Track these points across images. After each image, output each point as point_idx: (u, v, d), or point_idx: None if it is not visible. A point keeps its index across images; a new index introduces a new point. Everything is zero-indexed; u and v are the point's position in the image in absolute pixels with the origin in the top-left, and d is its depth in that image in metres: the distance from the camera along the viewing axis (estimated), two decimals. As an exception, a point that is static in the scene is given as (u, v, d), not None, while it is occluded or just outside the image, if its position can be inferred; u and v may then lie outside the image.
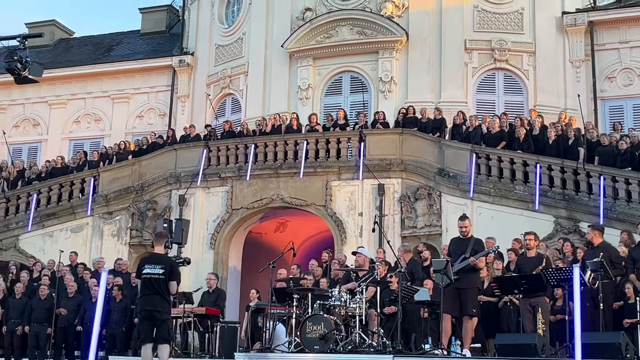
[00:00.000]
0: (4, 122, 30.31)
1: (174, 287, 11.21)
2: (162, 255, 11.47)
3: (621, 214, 17.48)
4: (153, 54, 31.55)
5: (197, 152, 22.13)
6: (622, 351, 10.17)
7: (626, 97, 24.96)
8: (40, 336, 17.12)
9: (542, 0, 25.40)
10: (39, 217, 22.72)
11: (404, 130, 21.11)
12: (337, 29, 25.98)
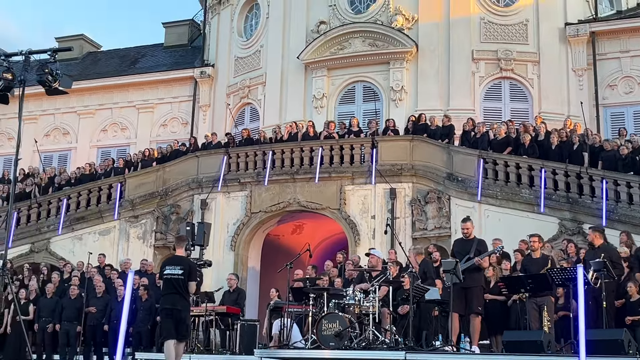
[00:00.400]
0: (36, 131, 30.50)
1: (192, 287, 11.31)
2: (182, 257, 11.60)
3: (623, 216, 17.44)
4: (176, 66, 31.68)
5: (217, 159, 22.19)
6: (624, 347, 10.12)
7: (627, 104, 24.89)
8: (71, 334, 17.22)
9: (545, 12, 25.38)
10: (69, 221, 22.83)
11: (414, 136, 21.10)
12: (350, 40, 26.04)
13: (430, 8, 25.58)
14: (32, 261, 21.93)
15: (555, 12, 25.50)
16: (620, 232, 14.73)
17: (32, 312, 17.63)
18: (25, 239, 22.84)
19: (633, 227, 15.95)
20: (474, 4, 25.43)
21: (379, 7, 26.08)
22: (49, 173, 25.76)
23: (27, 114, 28.42)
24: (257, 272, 22.24)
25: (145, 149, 25.83)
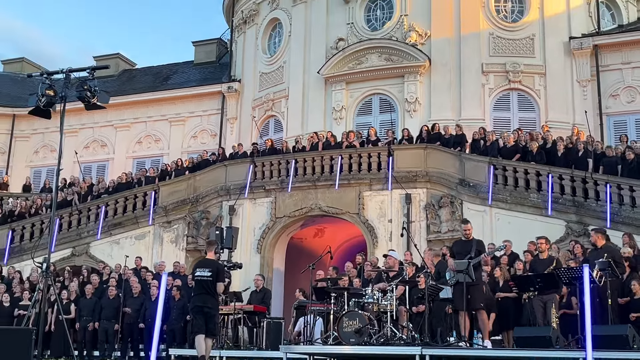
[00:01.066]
0: (76, 143, 30.75)
1: (220, 287, 11.65)
2: (212, 260, 11.82)
3: (627, 218, 17.32)
4: (205, 81, 31.85)
5: (244, 168, 22.26)
6: (629, 342, 10.04)
7: (629, 112, 24.74)
8: (109, 332, 17.32)
9: (550, 27, 25.32)
10: (107, 226, 22.97)
11: (428, 145, 21.06)
12: (366, 56, 26.08)
13: (442, 24, 25.56)
14: (73, 264, 22.08)
15: (560, 26, 25.42)
16: (623, 234, 14.61)
17: (73, 312, 17.75)
18: (67, 243, 23.02)
19: (636, 228, 15.82)
20: (483, 20, 25.40)
21: (393, 24, 26.11)
22: (88, 182, 26.00)
23: (68, 127, 28.64)
24: (281, 273, 22.27)
25: (177, 159, 26.02)
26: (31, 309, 12.33)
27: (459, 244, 12.71)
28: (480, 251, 12.24)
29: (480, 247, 12.33)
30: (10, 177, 30.65)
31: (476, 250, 12.14)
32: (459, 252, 12.43)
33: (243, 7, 30.60)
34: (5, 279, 19.96)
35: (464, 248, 12.36)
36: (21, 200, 25.84)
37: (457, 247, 12.71)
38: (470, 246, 12.24)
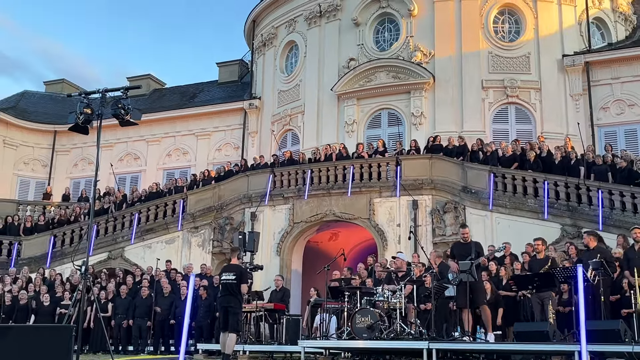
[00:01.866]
0: (111, 156, 30.95)
1: (244, 289, 12.05)
2: (235, 265, 12.12)
3: (617, 221, 17.21)
4: (228, 99, 31.93)
5: (264, 177, 22.31)
6: (621, 336, 9.95)
7: (618, 124, 24.59)
8: (142, 328, 17.40)
9: (545, 46, 25.28)
10: (140, 232, 23.07)
11: (432, 155, 21.03)
12: (376, 74, 26.10)
13: (445, 44, 25.57)
14: (109, 267, 22.18)
15: (553, 45, 25.36)
16: (618, 235, 14.54)
17: (110, 310, 17.86)
18: (104, 248, 23.14)
19: (626, 230, 15.62)
20: (482, 40, 25.39)
21: (400, 45, 26.14)
22: (122, 192, 26.14)
23: (104, 142, 28.83)
24: (299, 274, 22.27)
25: (204, 170, 26.10)
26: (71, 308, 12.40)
27: (459, 247, 12.71)
28: (479, 252, 12.24)
29: (479, 248, 12.36)
30: (52, 188, 30.87)
31: (475, 251, 12.15)
32: (459, 253, 12.44)
33: (262, 31, 30.75)
34: (48, 280, 20.09)
35: (463, 250, 12.38)
36: (62, 208, 26.02)
37: (457, 249, 12.70)
38: (469, 248, 12.26)
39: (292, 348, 14.08)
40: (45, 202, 28.44)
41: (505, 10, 25.92)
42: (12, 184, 31.87)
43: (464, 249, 12.35)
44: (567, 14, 25.85)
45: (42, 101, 35.89)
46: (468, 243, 12.47)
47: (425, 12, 26.08)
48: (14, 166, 32.15)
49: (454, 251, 12.75)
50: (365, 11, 27.01)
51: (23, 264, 22.38)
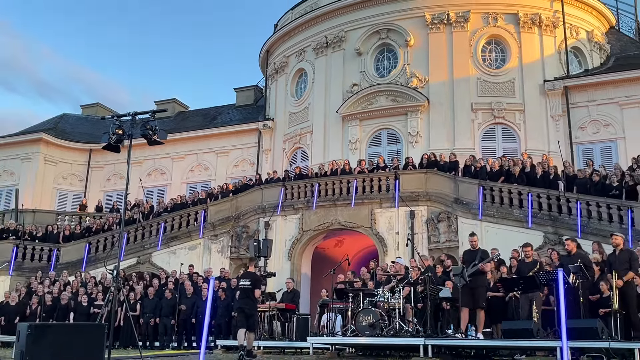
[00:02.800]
0: (140, 172, 31.02)
1: (257, 293, 12.67)
2: (252, 272, 12.55)
3: (594, 229, 17.16)
4: (245, 120, 32.03)
5: (277, 190, 22.33)
6: (599, 334, 9.90)
7: (595, 142, 24.58)
8: (167, 326, 17.38)
9: (528, 72, 25.33)
10: (166, 239, 23.09)
11: (428, 170, 21.01)
12: (376, 98, 26.18)
13: (438, 71, 25.64)
14: (138, 270, 22.22)
15: (535, 71, 25.40)
16: (593, 242, 14.44)
17: (138, 309, 17.84)
18: (133, 253, 23.16)
19: (602, 237, 15.58)
20: (472, 67, 25.45)
21: (398, 71, 26.23)
22: (149, 203, 26.21)
23: (134, 159, 29.03)
24: (308, 277, 22.23)
25: (223, 183, 26.16)
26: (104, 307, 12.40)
27: (467, 253, 12.77)
28: (483, 259, 12.22)
29: (484, 255, 12.38)
30: (87, 200, 30.98)
31: (480, 258, 12.14)
32: (467, 259, 12.51)
33: (275, 60, 30.91)
34: (83, 282, 20.13)
35: (470, 256, 12.46)
36: (96, 218, 26.11)
37: (466, 255, 12.77)
38: (476, 255, 12.30)
39: (301, 344, 14.06)
40: (81, 213, 28.54)
41: (492, 40, 26.01)
42: (52, 196, 32.02)
43: (471, 255, 12.45)
44: (547, 44, 25.89)
45: (79, 123, 36.12)
46: (476, 250, 12.50)
47: (420, 42, 26.18)
48: (54, 181, 32.31)
49: (464, 257, 12.84)
50: (367, 42, 27.13)
51: (61, 268, 22.44)
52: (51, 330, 6.70)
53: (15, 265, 22.78)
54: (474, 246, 12.59)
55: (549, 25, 25.98)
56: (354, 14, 27.54)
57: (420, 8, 26.37)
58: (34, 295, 19.35)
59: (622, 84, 24.68)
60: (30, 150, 32.19)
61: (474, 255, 12.30)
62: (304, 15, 29.02)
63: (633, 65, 25.43)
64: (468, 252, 12.79)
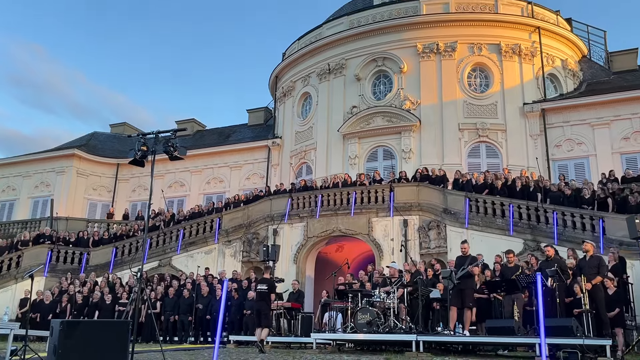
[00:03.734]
0: (162, 184, 31.10)
1: (272, 297, 13.16)
2: (267, 278, 12.91)
3: (569, 237, 17.06)
4: (256, 138, 32.11)
5: (284, 201, 22.31)
6: (573, 331, 9.85)
7: (569, 158, 24.57)
8: (185, 322, 17.34)
9: (509, 96, 25.38)
10: (184, 244, 23.06)
11: (419, 183, 20.98)
12: (373, 118, 26.22)
13: (429, 95, 25.71)
14: (159, 272, 22.17)
15: (516, 96, 25.46)
16: (568, 249, 14.40)
17: (159, 307, 17.81)
18: (155, 257, 23.14)
19: (576, 244, 15.50)
20: (459, 91, 25.51)
21: (393, 95, 26.30)
22: (170, 212, 26.22)
23: (157, 172, 28.99)
24: (312, 279, 22.15)
25: (236, 194, 26.16)
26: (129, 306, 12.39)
27: (459, 258, 12.79)
28: (471, 264, 12.21)
29: (473, 260, 12.36)
30: (114, 209, 31.02)
31: (469, 263, 12.14)
32: (458, 264, 12.50)
33: (283, 85, 31.03)
34: (110, 283, 20.11)
35: (462, 261, 12.49)
36: (122, 225, 26.12)
37: (458, 260, 12.80)
38: (465, 260, 12.30)
39: (306, 339, 13.99)
40: (108, 221, 28.56)
41: (477, 67, 26.09)
42: (83, 206, 32.09)
43: (462, 261, 12.46)
44: (526, 71, 25.96)
45: (108, 140, 36.26)
46: (467, 256, 12.52)
47: (413, 69, 26.26)
48: (85, 191, 32.39)
49: (456, 261, 12.83)
50: (365, 69, 27.23)
51: (90, 270, 22.41)
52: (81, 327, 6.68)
53: (49, 267, 22.77)
54: (465, 252, 12.59)
55: (528, 54, 26.06)
56: (353, 44, 27.68)
57: (413, 39, 26.49)
58: (65, 294, 19.34)
59: (593, 107, 24.71)
60: (64, 164, 32.32)
61: (464, 260, 12.31)
62: (309, 45, 29.17)
63: (603, 91, 25.49)
64: (460, 258, 12.79)
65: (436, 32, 26.29)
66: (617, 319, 11.60)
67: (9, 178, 33.28)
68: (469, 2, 26.95)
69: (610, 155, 23.86)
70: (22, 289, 20.75)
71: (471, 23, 26.22)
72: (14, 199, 32.66)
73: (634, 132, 23.93)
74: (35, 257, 22.85)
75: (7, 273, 22.44)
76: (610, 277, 12.26)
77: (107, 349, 6.61)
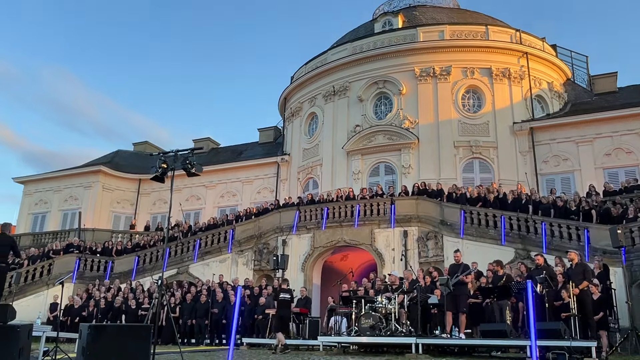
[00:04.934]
0: (180, 198, 31.19)
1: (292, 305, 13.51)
2: (288, 289, 13.30)
3: (557, 246, 17.00)
4: (266, 155, 32.21)
5: (292, 213, 22.34)
6: (562, 334, 9.84)
7: (556, 173, 24.57)
8: (202, 326, 17.32)
9: (500, 115, 25.44)
10: (200, 254, 23.08)
11: (418, 197, 20.98)
12: (375, 136, 26.31)
13: (426, 115, 25.79)
14: (177, 279, 22.18)
15: (506, 115, 25.51)
16: (555, 257, 14.37)
17: (177, 312, 17.80)
18: (174, 265, 23.18)
19: (564, 253, 15.47)
20: (454, 111, 25.60)
21: (393, 115, 26.41)
22: (187, 224, 26.29)
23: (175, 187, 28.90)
24: (318, 286, 22.12)
25: (247, 207, 26.23)
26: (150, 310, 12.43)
27: (452, 266, 12.75)
28: (464, 271, 12.19)
29: (466, 268, 12.33)
30: (137, 221, 31.16)
31: (462, 270, 12.13)
32: (452, 272, 12.48)
33: (291, 105, 31.22)
34: (133, 289, 20.16)
35: (455, 269, 12.45)
36: (143, 236, 26.22)
37: (451, 268, 12.76)
38: (458, 268, 12.28)
39: (313, 342, 13.96)
40: (131, 231, 28.69)
41: (470, 89, 26.20)
42: (109, 218, 32.25)
43: (455, 268, 12.43)
44: (515, 92, 26.04)
45: (131, 157, 36.49)
46: (459, 264, 12.49)
47: (411, 91, 26.40)
48: (110, 205, 32.56)
49: (449, 269, 12.80)
50: (367, 91, 27.40)
51: (115, 277, 22.48)
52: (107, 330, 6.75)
53: (77, 275, 22.87)
54: (458, 260, 12.58)
55: (517, 77, 26.17)
56: (356, 68, 27.87)
57: (411, 64, 26.67)
58: (92, 299, 19.39)
59: (577, 126, 24.74)
60: (91, 180, 32.55)
61: (457, 268, 12.30)
62: (315, 69, 29.38)
63: (586, 111, 25.55)
64: (453, 266, 12.78)
65: (432, 57, 26.46)
66: (601, 322, 11.55)
67: (41, 192, 33.55)
68: (462, 30, 27.17)
69: (593, 170, 23.86)
70: (52, 294, 20.84)
71: (464, 49, 26.39)
72: (46, 212, 32.89)
73: (615, 148, 23.95)
74: (64, 265, 22.97)
75: (39, 280, 22.56)
76: (595, 283, 12.24)
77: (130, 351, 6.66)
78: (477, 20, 29.09)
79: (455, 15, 30.65)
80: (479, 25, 27.65)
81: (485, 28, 27.17)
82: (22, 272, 22.31)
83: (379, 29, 29.40)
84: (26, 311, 19.39)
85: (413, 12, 30.74)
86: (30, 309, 20.29)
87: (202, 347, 15.79)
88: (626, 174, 22.96)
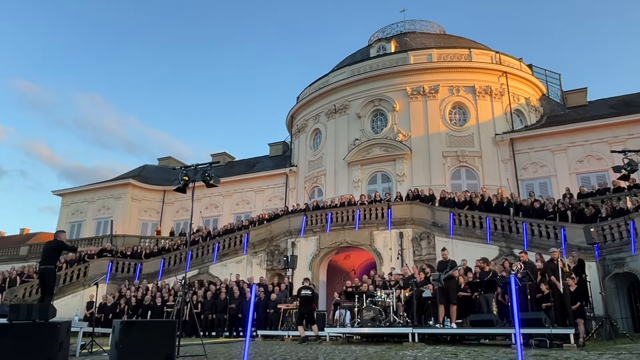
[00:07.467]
0: (200, 206, 31.27)
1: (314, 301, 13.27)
2: (309, 286, 13.06)
3: (537, 244, 16.90)
4: (276, 167, 32.27)
5: (300, 218, 22.33)
6: (542, 323, 9.76)
7: (534, 178, 24.55)
8: (221, 320, 17.25)
9: (483, 128, 25.43)
10: (219, 255, 23.08)
11: (412, 202, 20.95)
12: (372, 148, 26.34)
13: (417, 128, 25.82)
14: (199, 279, 22.13)
15: (489, 128, 25.51)
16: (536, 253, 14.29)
17: (199, 308, 17.78)
18: (195, 266, 23.18)
19: (543, 249, 15.42)
20: (442, 125, 25.62)
21: (388, 129, 26.44)
22: (207, 229, 26.30)
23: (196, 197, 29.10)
24: (324, 283, 22.05)
25: (260, 214, 26.24)
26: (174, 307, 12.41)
27: (441, 263, 12.76)
28: (453, 267, 12.19)
29: (453, 264, 12.34)
30: (162, 227, 31.20)
31: (450, 266, 12.12)
32: (440, 268, 12.46)
33: (297, 122, 31.31)
34: (159, 288, 20.15)
35: (443, 265, 12.44)
36: (168, 241, 26.25)
37: (439, 265, 12.76)
38: (446, 264, 12.27)
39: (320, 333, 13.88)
40: (157, 237, 28.73)
41: (456, 105, 26.24)
42: (137, 225, 32.34)
43: (444, 265, 12.43)
44: (497, 107, 26.06)
45: (156, 171, 36.65)
46: (447, 261, 12.48)
47: (404, 108, 26.45)
48: (138, 213, 32.67)
49: (437, 266, 12.78)
50: (365, 108, 27.46)
51: (143, 278, 22.50)
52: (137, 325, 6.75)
53: (110, 276, 22.89)
54: (445, 258, 12.58)
55: (498, 94, 26.19)
56: (354, 88, 27.97)
57: (403, 83, 26.75)
58: (123, 298, 19.40)
59: (553, 136, 24.72)
60: (121, 191, 32.69)
61: (445, 264, 12.29)
62: (318, 90, 29.50)
63: (560, 122, 25.55)
64: (441, 262, 12.78)
65: (422, 77, 26.54)
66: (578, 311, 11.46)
67: (77, 203, 33.74)
68: (448, 53, 27.25)
69: (568, 175, 23.80)
70: (88, 294, 20.87)
71: (450, 70, 26.46)
72: (81, 220, 33.02)
73: (587, 155, 23.89)
74: (98, 267, 23.01)
75: (76, 281, 22.59)
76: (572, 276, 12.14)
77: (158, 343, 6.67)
78: (461, 44, 29.18)
79: (441, 40, 30.77)
80: (462, 48, 27.74)
81: (468, 51, 27.25)
82: (61, 274, 22.37)
83: (374, 53, 29.54)
84: (65, 309, 19.45)
85: (404, 38, 30.89)
86: (68, 307, 20.33)
87: (222, 339, 15.75)
88: (597, 178, 22.88)
